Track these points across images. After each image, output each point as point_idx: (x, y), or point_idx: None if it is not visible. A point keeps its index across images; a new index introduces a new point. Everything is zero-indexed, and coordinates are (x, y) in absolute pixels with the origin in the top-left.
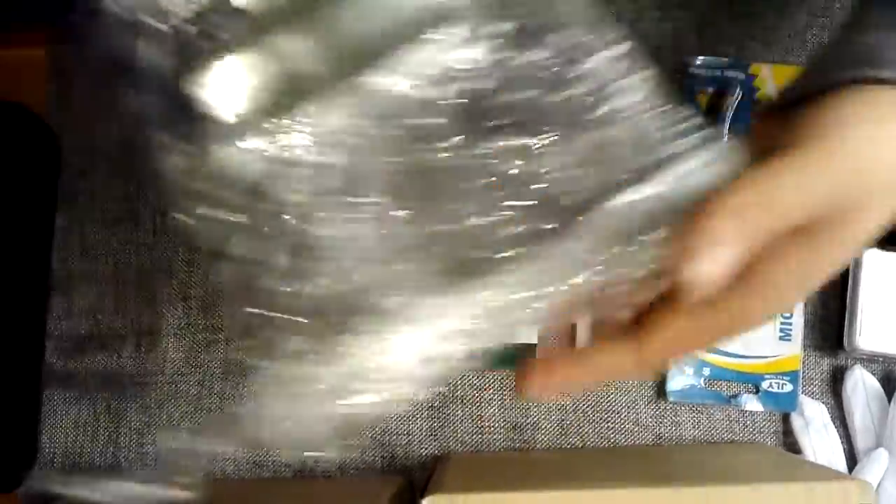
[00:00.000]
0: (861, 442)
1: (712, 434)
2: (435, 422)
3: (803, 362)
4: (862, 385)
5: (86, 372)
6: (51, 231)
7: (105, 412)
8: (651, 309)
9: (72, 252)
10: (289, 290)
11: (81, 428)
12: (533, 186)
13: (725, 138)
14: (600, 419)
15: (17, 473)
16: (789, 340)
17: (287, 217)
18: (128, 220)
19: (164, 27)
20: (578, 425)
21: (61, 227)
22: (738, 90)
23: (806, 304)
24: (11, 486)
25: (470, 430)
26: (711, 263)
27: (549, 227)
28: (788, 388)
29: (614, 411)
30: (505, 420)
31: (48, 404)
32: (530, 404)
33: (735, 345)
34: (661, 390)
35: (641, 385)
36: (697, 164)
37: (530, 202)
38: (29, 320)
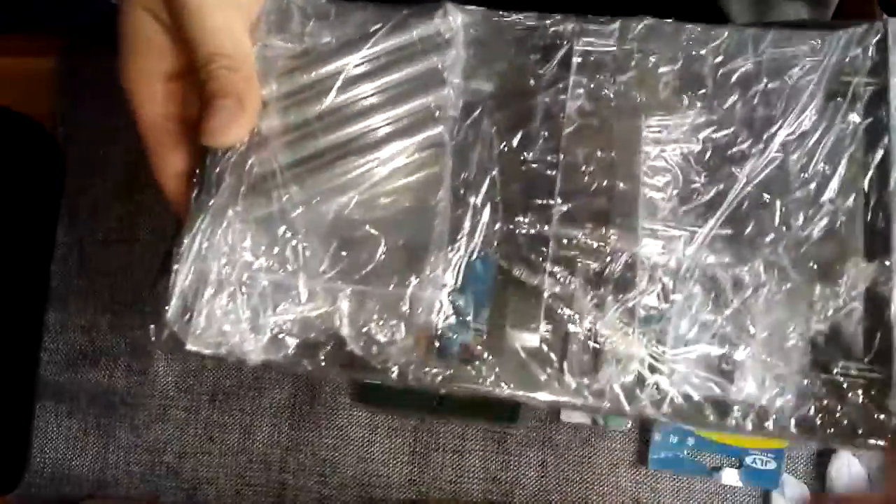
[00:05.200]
0: None
1: None
2: (415, 467)
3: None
4: (847, 470)
5: (78, 388)
6: (51, 245)
7: (95, 428)
8: None
9: (70, 268)
10: None
11: (71, 442)
12: None
13: None
14: (580, 479)
15: (7, 480)
16: None
17: None
18: (126, 241)
19: None
20: (557, 483)
21: (62, 242)
22: None
23: None
24: (2, 491)
25: (449, 479)
26: None
27: None
28: (772, 465)
29: (595, 473)
30: (485, 472)
31: (41, 416)
32: (511, 459)
33: None
34: (642, 456)
35: (624, 449)
36: None
37: None
38: (26, 332)
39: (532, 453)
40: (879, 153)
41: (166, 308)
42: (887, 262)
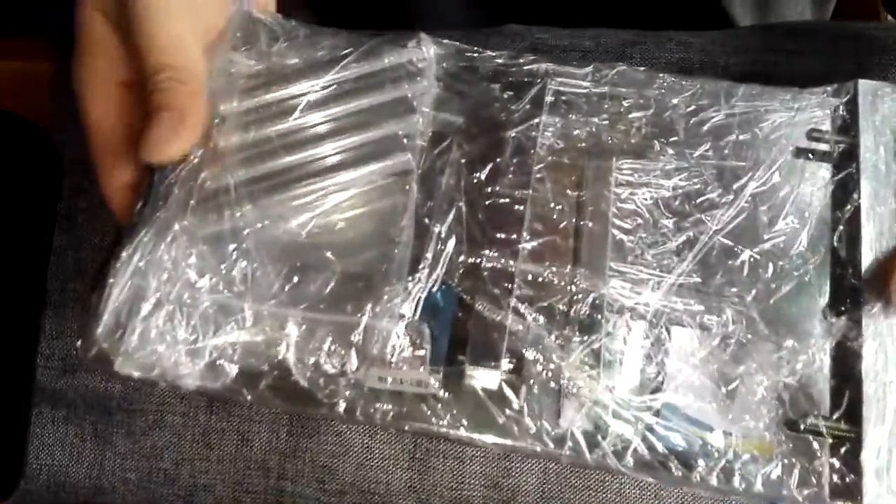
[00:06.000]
0: None
1: None
2: (415, 473)
3: None
4: None
5: (75, 393)
6: (48, 249)
7: (92, 435)
8: None
9: (67, 272)
10: None
11: (67, 448)
12: None
13: None
14: (583, 486)
15: (3, 486)
16: None
17: None
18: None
19: None
20: (560, 491)
21: (59, 246)
22: None
23: None
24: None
25: (449, 485)
26: None
27: None
28: None
29: (598, 480)
30: (486, 478)
31: (37, 423)
32: (513, 465)
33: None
34: None
35: None
36: None
37: None
38: (22, 337)
39: (534, 459)
40: (849, 210)
41: (96, 324)
42: (856, 318)
